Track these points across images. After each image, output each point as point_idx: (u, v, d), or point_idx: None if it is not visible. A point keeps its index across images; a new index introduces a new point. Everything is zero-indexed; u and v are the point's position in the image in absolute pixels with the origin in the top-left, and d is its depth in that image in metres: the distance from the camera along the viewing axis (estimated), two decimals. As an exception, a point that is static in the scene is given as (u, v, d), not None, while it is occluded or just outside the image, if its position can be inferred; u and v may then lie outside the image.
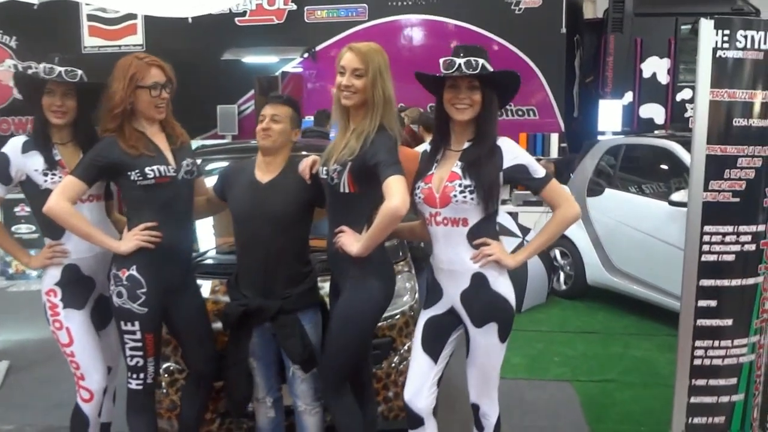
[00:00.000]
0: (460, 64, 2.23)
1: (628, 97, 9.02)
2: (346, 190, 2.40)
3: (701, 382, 2.86)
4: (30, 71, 2.56)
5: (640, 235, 5.32)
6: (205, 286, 3.02)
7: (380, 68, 2.38)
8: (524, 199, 7.30)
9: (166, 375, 2.96)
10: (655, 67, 9.01)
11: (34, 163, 2.55)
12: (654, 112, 9.02)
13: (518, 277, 5.68)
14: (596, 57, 9.71)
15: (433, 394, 2.51)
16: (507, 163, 2.29)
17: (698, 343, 2.84)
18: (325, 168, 2.46)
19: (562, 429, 3.64)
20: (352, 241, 2.39)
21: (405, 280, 3.24)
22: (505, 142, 2.32)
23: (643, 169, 5.85)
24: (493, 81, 2.31)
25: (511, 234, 5.76)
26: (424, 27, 9.58)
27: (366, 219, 2.43)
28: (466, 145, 2.34)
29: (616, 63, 9.06)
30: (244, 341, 2.65)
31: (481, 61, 2.24)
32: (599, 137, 7.70)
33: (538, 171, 2.31)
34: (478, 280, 2.35)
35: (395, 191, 2.21)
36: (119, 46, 10.20)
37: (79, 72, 2.57)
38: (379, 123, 2.37)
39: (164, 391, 2.94)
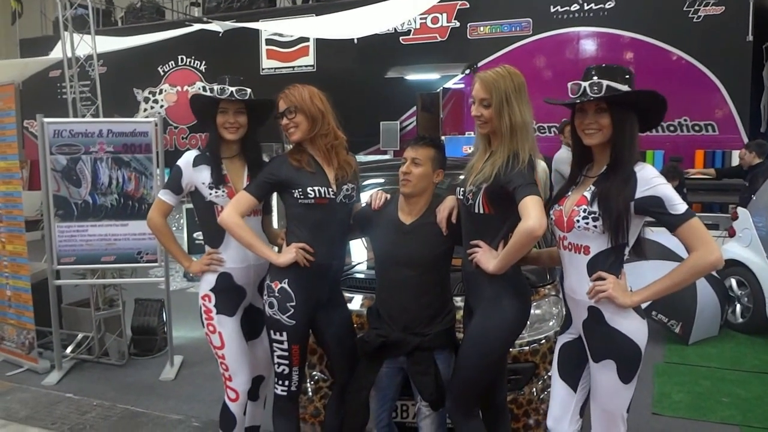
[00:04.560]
0: (585, 88, 2.13)
1: (828, 110, 8.05)
2: (481, 211, 2.38)
3: None
4: (206, 92, 2.81)
5: (834, 266, 4.71)
6: (355, 300, 3.14)
7: (506, 95, 2.32)
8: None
9: (311, 383, 3.11)
10: None
11: (202, 176, 2.78)
12: None
13: (686, 305, 5.28)
14: (790, 66, 8.79)
15: (578, 423, 2.40)
16: (640, 193, 2.09)
17: None
18: (461, 189, 2.46)
19: (725, 478, 3.30)
20: (488, 258, 2.36)
21: (551, 304, 3.13)
22: (643, 170, 2.13)
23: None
24: (626, 103, 2.15)
25: (678, 259, 5.34)
26: (593, 40, 9.23)
27: (500, 239, 2.38)
28: (603, 169, 2.21)
29: (813, 72, 8.15)
30: (373, 371, 2.69)
31: (605, 83, 2.10)
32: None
33: (677, 206, 2.06)
34: (594, 314, 2.22)
35: (531, 212, 2.16)
36: (293, 67, 10.97)
37: (248, 90, 2.77)
38: (514, 150, 2.32)
39: (310, 397, 3.09)
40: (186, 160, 2.81)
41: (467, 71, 9.61)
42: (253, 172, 2.79)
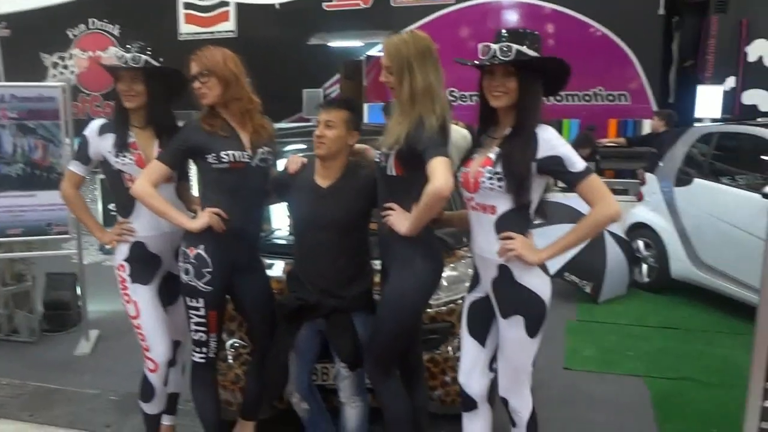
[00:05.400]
0: (495, 51, 2.17)
1: (730, 82, 8.49)
2: (393, 173, 2.41)
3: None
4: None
5: (731, 228, 5.01)
6: (277, 266, 3.11)
7: (407, 62, 2.33)
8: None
9: (231, 349, 3.10)
10: (763, 50, 8.41)
11: (108, 144, 2.69)
12: (759, 98, 8.43)
13: (596, 267, 5.53)
14: (696, 40, 9.20)
15: (487, 378, 2.50)
16: (542, 153, 2.16)
17: (776, 343, 2.66)
18: (378, 151, 2.48)
19: (628, 425, 3.51)
20: (401, 220, 2.39)
21: (468, 265, 3.21)
22: (544, 132, 2.20)
23: (736, 159, 5.48)
24: (533, 68, 2.21)
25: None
26: (516, 10, 9.39)
27: (412, 202, 2.40)
28: (508, 131, 2.28)
29: (718, 46, 8.55)
30: (292, 334, 2.71)
31: (515, 47, 2.15)
32: (695, 124, 7.29)
33: (576, 164, 2.15)
34: (504, 272, 2.30)
35: (438, 173, 2.19)
36: (212, 32, 10.63)
37: (144, 58, 2.66)
38: (420, 114, 2.33)
39: (230, 364, 3.08)
40: (91, 128, 2.73)
41: (391, 39, 9.59)
42: (164, 142, 2.71)
